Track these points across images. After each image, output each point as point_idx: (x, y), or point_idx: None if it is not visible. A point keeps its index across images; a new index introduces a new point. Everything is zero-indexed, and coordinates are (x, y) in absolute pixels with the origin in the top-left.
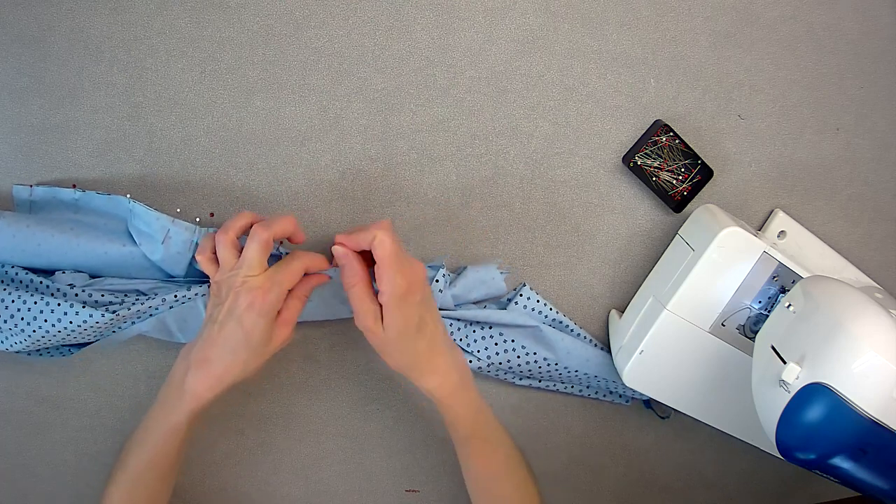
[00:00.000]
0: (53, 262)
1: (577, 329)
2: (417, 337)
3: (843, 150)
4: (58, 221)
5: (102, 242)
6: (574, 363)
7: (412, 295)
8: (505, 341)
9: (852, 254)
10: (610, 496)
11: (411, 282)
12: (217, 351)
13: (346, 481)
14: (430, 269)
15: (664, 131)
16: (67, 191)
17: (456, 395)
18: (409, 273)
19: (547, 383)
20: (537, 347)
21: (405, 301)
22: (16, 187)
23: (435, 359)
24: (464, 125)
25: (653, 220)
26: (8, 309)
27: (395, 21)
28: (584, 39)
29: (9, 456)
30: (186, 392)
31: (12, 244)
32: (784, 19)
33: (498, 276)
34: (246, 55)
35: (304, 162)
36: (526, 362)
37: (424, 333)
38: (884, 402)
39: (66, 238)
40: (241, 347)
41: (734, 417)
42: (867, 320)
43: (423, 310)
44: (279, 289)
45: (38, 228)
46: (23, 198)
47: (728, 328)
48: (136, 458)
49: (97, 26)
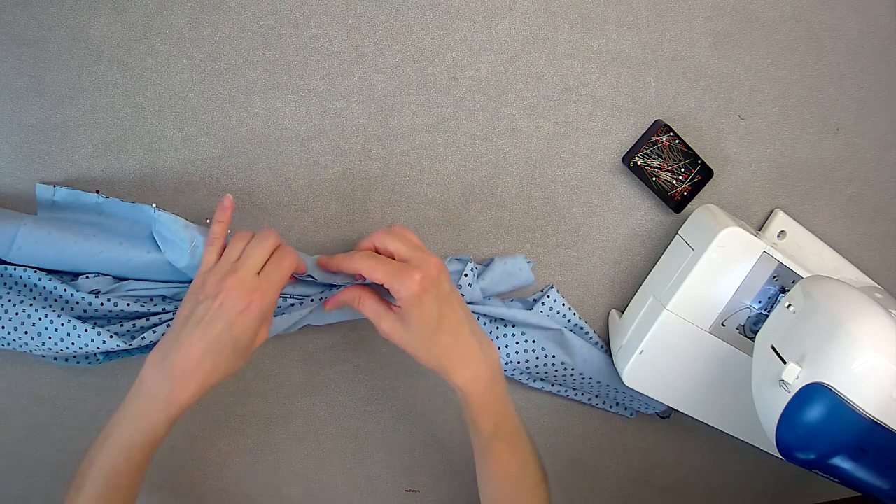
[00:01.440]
0: (76, 266)
1: (596, 337)
2: (438, 332)
3: (843, 150)
4: (80, 226)
5: (126, 249)
6: (589, 370)
7: (425, 293)
8: (526, 341)
9: (852, 254)
10: (610, 496)
11: (423, 281)
12: (200, 355)
13: (346, 481)
14: (458, 263)
15: (664, 131)
16: (90, 195)
17: (487, 392)
18: (416, 274)
19: (559, 388)
20: (557, 351)
21: (420, 301)
22: (39, 186)
23: (462, 352)
24: (464, 125)
25: (653, 220)
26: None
27: (395, 21)
28: (584, 39)
29: (9, 456)
30: (166, 402)
31: (34, 250)
32: (784, 19)
33: (525, 267)
34: (246, 55)
35: (304, 162)
36: (544, 364)
37: (446, 328)
38: (884, 402)
39: (89, 245)
40: (227, 350)
41: (734, 417)
42: (867, 320)
43: (442, 304)
44: (275, 292)
45: (59, 236)
46: (46, 197)
47: (728, 328)
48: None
49: (97, 26)
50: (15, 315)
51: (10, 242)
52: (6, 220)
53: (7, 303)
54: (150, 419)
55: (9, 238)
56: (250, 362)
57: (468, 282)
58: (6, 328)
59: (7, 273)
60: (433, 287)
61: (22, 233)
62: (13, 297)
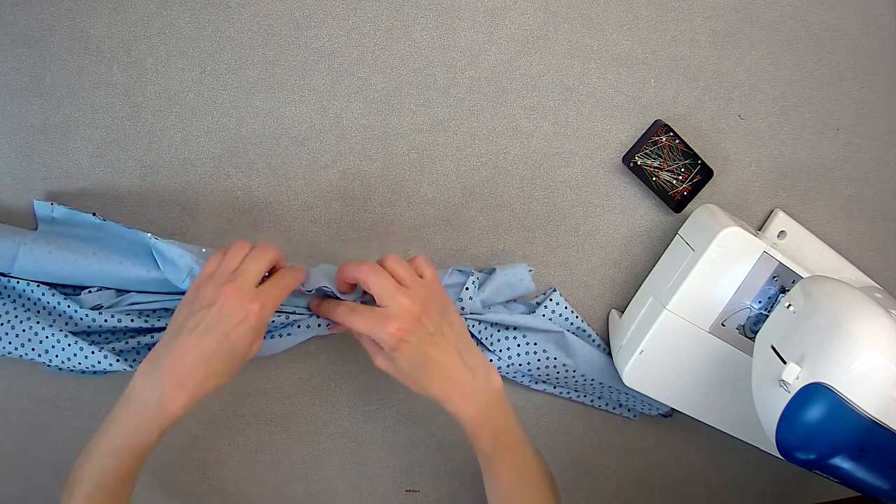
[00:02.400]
0: (78, 281)
1: (598, 339)
2: (426, 372)
3: (843, 150)
4: (80, 243)
5: (126, 268)
6: (590, 372)
7: (404, 343)
8: (528, 343)
9: (852, 254)
10: (610, 496)
11: (398, 332)
12: (192, 364)
13: (346, 481)
14: (460, 275)
15: (664, 131)
16: (87, 216)
17: (479, 418)
18: (392, 325)
19: (561, 390)
20: (558, 353)
21: (400, 349)
22: (37, 203)
23: (451, 386)
24: (464, 125)
25: (653, 220)
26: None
27: (395, 21)
28: (584, 39)
29: (9, 456)
30: (156, 412)
31: (35, 268)
32: (784, 19)
33: (527, 277)
34: (246, 55)
35: (304, 162)
36: (545, 366)
37: (432, 367)
38: (884, 402)
39: (89, 263)
40: (221, 360)
41: (734, 417)
42: (867, 320)
43: (426, 347)
44: (273, 306)
45: (60, 254)
46: (45, 213)
47: (728, 328)
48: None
49: (97, 26)
50: (22, 332)
51: (11, 260)
52: (7, 236)
53: (14, 318)
54: (140, 428)
55: (10, 255)
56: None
57: (469, 295)
58: (13, 343)
59: (11, 286)
60: (411, 334)
61: (23, 251)
62: (19, 312)
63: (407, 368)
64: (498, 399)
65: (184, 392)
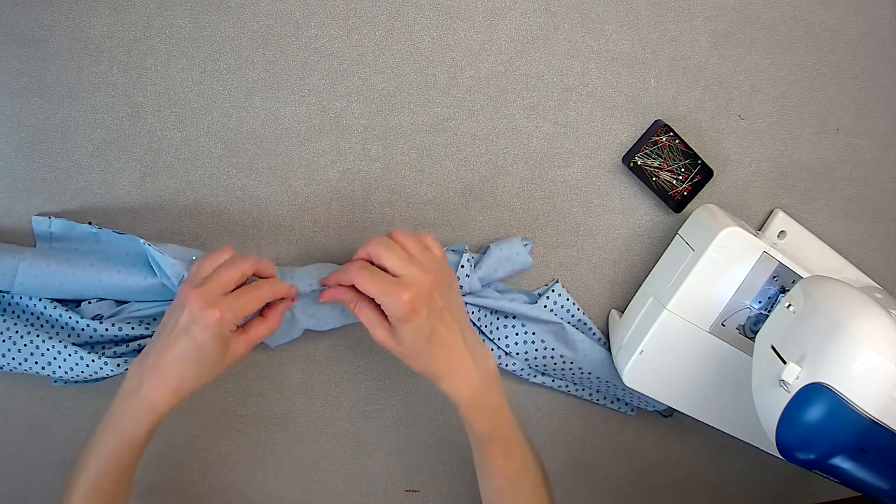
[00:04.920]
0: (78, 294)
1: (599, 333)
2: (430, 347)
3: (843, 150)
4: (79, 256)
5: (124, 276)
6: (589, 366)
7: (415, 313)
8: (527, 333)
9: (852, 254)
10: (610, 496)
11: (412, 301)
12: (170, 363)
13: (346, 481)
14: (453, 254)
15: (664, 131)
16: (84, 226)
17: (476, 399)
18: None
19: (560, 383)
20: (557, 344)
21: (410, 320)
22: (35, 219)
23: (452, 364)
24: (464, 125)
25: (653, 220)
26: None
27: (395, 21)
28: (584, 39)
29: (9, 456)
30: (143, 405)
31: (35, 283)
32: (784, 19)
33: (523, 251)
34: (246, 55)
35: (304, 162)
36: (543, 357)
37: (437, 343)
38: (884, 402)
39: (88, 275)
40: (192, 361)
41: (734, 417)
42: (867, 320)
43: (433, 321)
44: (234, 315)
45: (58, 268)
46: (43, 229)
47: (728, 328)
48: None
49: (97, 26)
50: (24, 346)
51: (11, 277)
52: (7, 254)
53: (15, 334)
54: (129, 419)
55: (10, 273)
56: (251, 362)
57: (465, 272)
58: (17, 359)
59: (14, 301)
60: (423, 306)
61: (22, 268)
62: (20, 327)
63: (409, 341)
64: (493, 380)
65: (166, 389)
